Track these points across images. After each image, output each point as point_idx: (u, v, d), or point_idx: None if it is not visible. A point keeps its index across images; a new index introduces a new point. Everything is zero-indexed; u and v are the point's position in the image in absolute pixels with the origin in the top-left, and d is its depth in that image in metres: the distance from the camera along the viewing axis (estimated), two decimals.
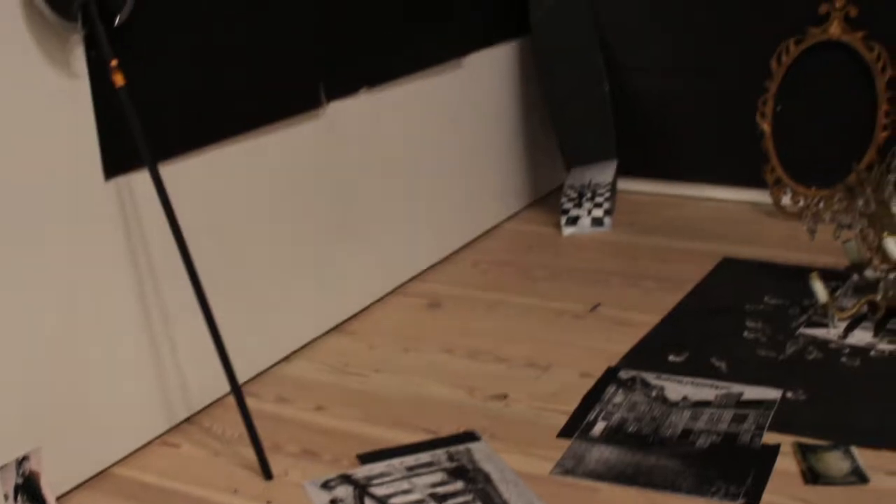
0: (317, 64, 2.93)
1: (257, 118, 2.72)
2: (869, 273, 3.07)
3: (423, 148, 3.43)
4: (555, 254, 3.67)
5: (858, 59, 3.68)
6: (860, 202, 3.12)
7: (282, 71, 2.80)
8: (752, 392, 2.58)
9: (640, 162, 4.11)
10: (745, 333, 2.93)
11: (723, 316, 3.05)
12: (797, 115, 3.81)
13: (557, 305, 3.19)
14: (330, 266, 3.05)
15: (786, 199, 3.83)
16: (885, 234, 2.96)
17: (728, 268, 3.41)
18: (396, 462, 2.34)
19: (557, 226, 3.83)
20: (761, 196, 3.90)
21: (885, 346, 2.79)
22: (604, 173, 3.88)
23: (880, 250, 2.98)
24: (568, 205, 3.82)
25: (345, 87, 3.05)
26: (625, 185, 4.11)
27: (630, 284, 3.34)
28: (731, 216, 3.90)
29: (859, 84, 3.69)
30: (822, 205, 3.64)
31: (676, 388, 2.62)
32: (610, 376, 2.70)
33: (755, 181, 3.89)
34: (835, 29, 3.69)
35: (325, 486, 2.26)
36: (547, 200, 4.11)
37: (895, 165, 3.12)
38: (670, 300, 3.17)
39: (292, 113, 2.84)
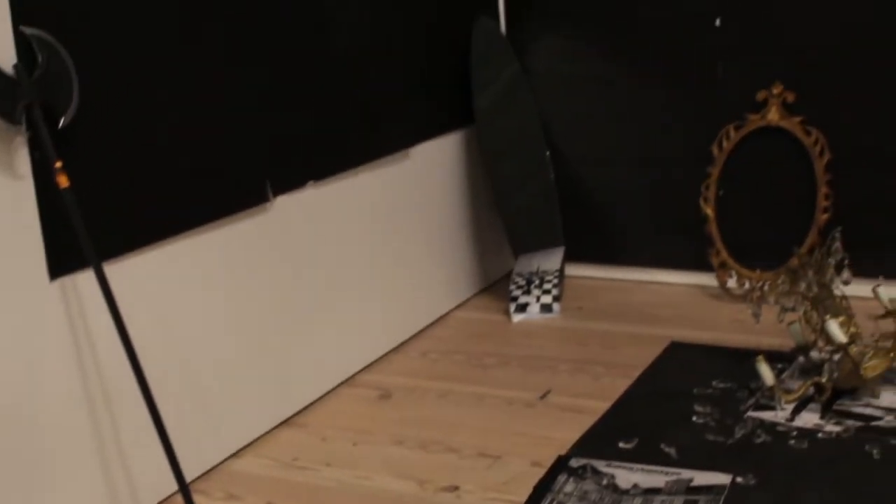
0: (263, 160, 2.96)
1: (204, 215, 2.73)
2: (814, 355, 3.12)
3: (371, 239, 3.46)
4: (504, 341, 3.68)
5: (797, 144, 3.76)
6: (803, 285, 3.17)
7: (228, 168, 2.82)
8: (702, 478, 2.58)
9: (587, 247, 4.15)
10: (694, 418, 2.93)
11: (672, 401, 3.05)
12: (740, 198, 3.89)
13: (508, 394, 3.19)
14: (280, 359, 3.04)
15: (731, 282, 3.88)
16: (828, 316, 3.00)
17: (676, 352, 3.43)
18: None
19: (506, 313, 3.85)
20: (707, 279, 3.95)
21: (831, 428, 2.80)
22: (551, 260, 3.91)
23: (824, 332, 3.02)
24: (516, 292, 3.84)
25: (292, 181, 3.08)
26: (573, 270, 4.14)
27: (579, 370, 3.35)
28: (679, 300, 3.94)
29: (799, 167, 3.77)
30: (766, 287, 3.69)
31: (627, 476, 2.61)
32: (561, 465, 2.69)
33: (701, 265, 3.94)
34: (773, 115, 3.78)
35: None
36: (496, 288, 4.14)
37: (835, 248, 3.18)
38: (620, 386, 3.18)
39: (239, 209, 2.85)
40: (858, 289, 3.13)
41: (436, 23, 3.78)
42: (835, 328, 2.97)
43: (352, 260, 3.37)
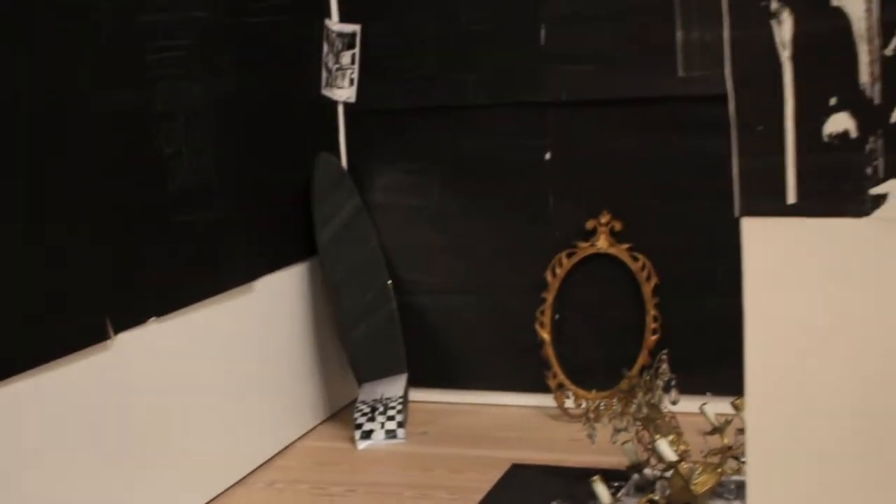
0: (103, 296, 2.96)
1: (40, 355, 2.69)
2: (648, 472, 3.24)
3: (215, 372, 3.48)
4: (350, 469, 3.72)
5: (626, 269, 3.96)
6: (633, 407, 3.31)
7: (65, 305, 2.81)
8: None
9: (430, 373, 4.24)
10: None
11: None
12: (574, 322, 4.06)
13: None
14: (118, 500, 3.00)
15: (569, 403, 4.01)
16: (658, 435, 3.15)
17: (517, 474, 3.51)
18: None
19: (352, 440, 3.89)
20: (546, 400, 4.07)
21: None
22: (395, 386, 3.99)
23: (655, 451, 3.15)
24: (361, 419, 3.89)
25: (133, 317, 3.07)
26: (416, 395, 4.22)
27: (423, 496, 3.39)
28: (519, 422, 4.04)
29: (628, 292, 3.97)
30: (601, 408, 3.81)
31: None
32: None
33: (539, 387, 4.06)
34: (602, 242, 3.96)
35: None
36: (341, 415, 4.18)
37: (663, 370, 3.34)
38: None
39: (78, 347, 2.83)
40: (688, 405, 3.27)
41: (278, 159, 3.89)
42: (665, 447, 3.12)
43: (195, 394, 3.37)
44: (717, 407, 3.20)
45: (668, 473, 3.11)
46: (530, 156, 4.02)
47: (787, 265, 1.67)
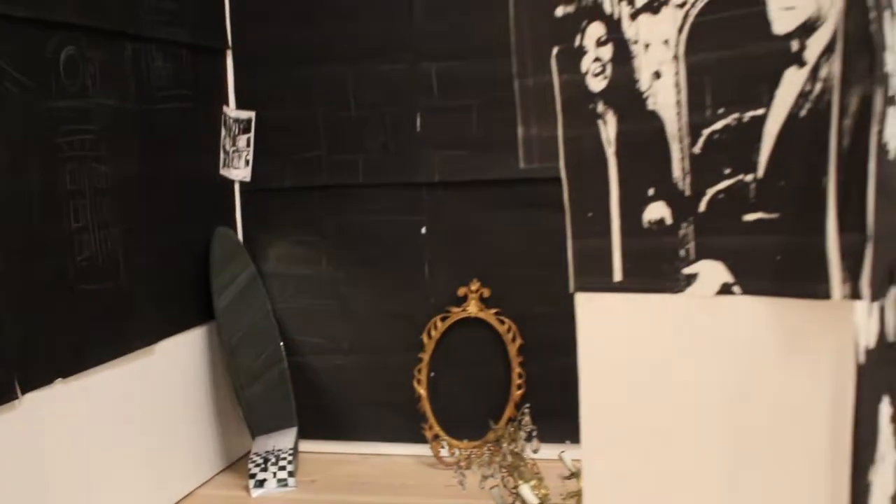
0: (11, 358, 2.89)
1: None
2: None
3: (119, 431, 3.42)
4: None
5: (494, 331, 4.00)
6: (499, 455, 3.34)
7: None
8: None
9: (319, 426, 4.22)
10: None
11: None
12: (448, 379, 4.08)
13: None
14: None
15: (444, 452, 4.03)
16: (521, 481, 3.17)
17: None
18: None
19: (246, 489, 3.85)
20: (423, 450, 4.08)
21: None
22: (285, 439, 3.97)
23: (519, 496, 3.18)
24: (255, 469, 3.86)
25: (40, 378, 3.02)
26: (307, 447, 4.20)
27: None
28: (400, 470, 4.04)
29: (496, 351, 4.00)
30: (472, 456, 3.84)
31: None
32: None
33: (418, 437, 4.08)
34: (472, 307, 4.01)
35: None
36: (236, 466, 4.13)
37: (525, 422, 3.38)
38: None
39: None
40: (548, 453, 3.28)
41: (179, 232, 3.86)
42: (527, 492, 3.14)
43: (101, 450, 3.31)
44: (575, 454, 3.18)
45: None
46: (408, 230, 4.06)
47: (614, 334, 1.71)
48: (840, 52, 1.41)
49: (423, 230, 4.05)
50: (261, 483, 3.85)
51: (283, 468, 3.88)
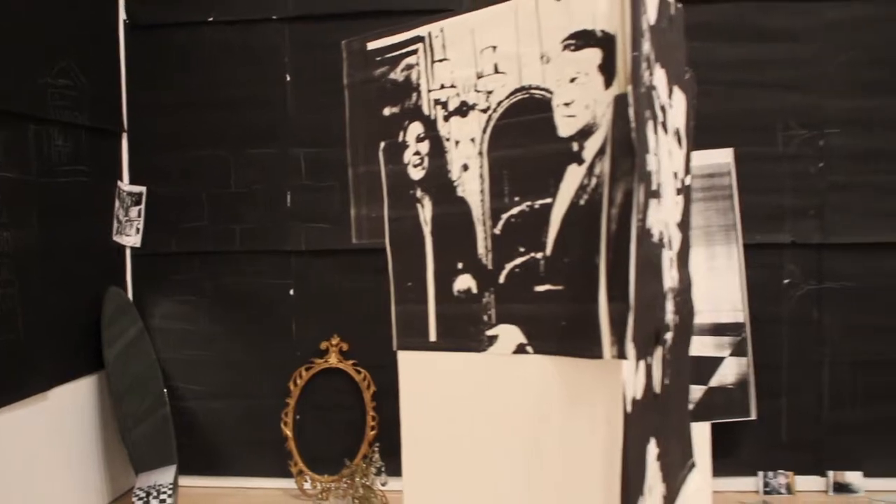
0: None
1: None
2: None
3: (13, 470, 3.24)
4: None
5: (351, 380, 3.94)
6: (353, 488, 3.31)
7: None
8: None
9: (198, 463, 4.07)
10: None
11: None
12: (312, 421, 4.00)
13: None
14: None
15: (307, 485, 3.93)
16: None
17: None
18: None
19: None
20: (289, 483, 3.99)
21: None
22: (166, 475, 3.82)
23: None
24: (138, 502, 3.70)
25: None
26: (186, 482, 4.04)
27: None
28: (268, 501, 3.92)
29: (354, 397, 3.95)
30: (331, 489, 3.79)
31: None
32: None
33: (285, 472, 3.99)
34: (333, 359, 3.96)
35: None
36: (121, 500, 3.95)
37: (375, 459, 3.37)
38: None
39: None
40: (395, 485, 3.27)
41: (75, 291, 3.71)
42: None
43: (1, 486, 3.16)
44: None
45: None
46: (278, 291, 4.01)
47: (430, 387, 1.71)
48: (609, 154, 1.46)
49: (292, 292, 4.01)
50: None
51: (163, 501, 3.74)
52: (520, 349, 1.57)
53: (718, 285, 3.65)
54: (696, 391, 3.64)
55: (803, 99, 3.81)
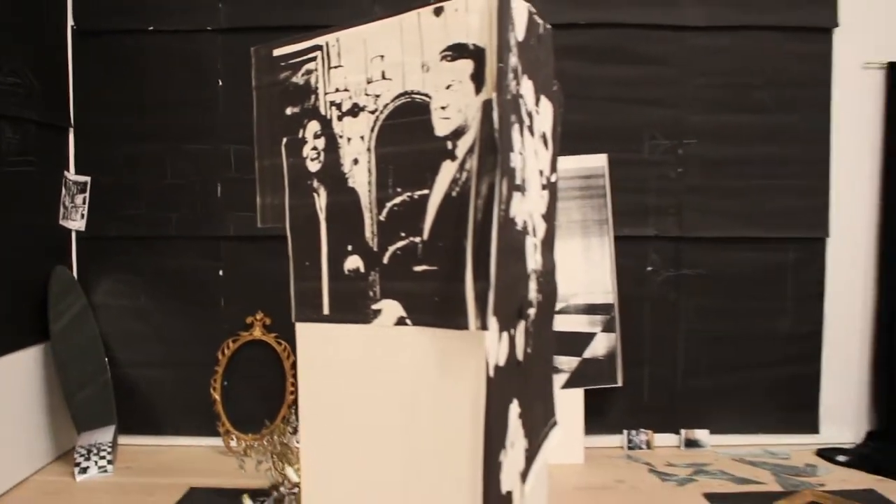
0: None
1: None
2: (282, 490, 3.18)
3: None
4: (70, 497, 3.39)
5: (273, 351, 3.89)
6: (271, 445, 3.26)
7: None
8: None
9: (135, 423, 3.96)
10: None
11: None
12: (238, 387, 3.93)
13: None
14: None
15: (233, 443, 3.87)
16: (286, 465, 3.11)
17: (193, 494, 3.34)
18: None
19: (73, 475, 3.57)
20: (217, 442, 3.92)
21: None
22: (106, 434, 3.72)
23: (285, 475, 3.11)
24: (80, 459, 3.60)
25: None
26: (125, 440, 3.94)
27: None
28: (199, 457, 3.85)
29: (275, 366, 3.89)
30: (253, 446, 3.73)
31: None
32: None
33: (213, 432, 3.91)
34: (257, 332, 3.90)
35: None
36: (65, 458, 3.83)
37: (292, 420, 3.32)
38: None
39: None
40: None
41: (24, 271, 3.59)
42: (291, 473, 3.08)
43: None
44: None
45: (295, 490, 3.10)
46: (209, 272, 3.93)
47: (324, 355, 1.69)
48: (477, 151, 1.46)
49: (221, 273, 3.92)
50: (84, 470, 3.59)
51: (103, 457, 3.64)
52: (400, 321, 1.56)
53: (592, 271, 3.70)
54: (572, 362, 3.69)
55: (666, 114, 3.88)
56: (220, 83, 3.88)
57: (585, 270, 3.70)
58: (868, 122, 3.97)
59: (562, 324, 3.66)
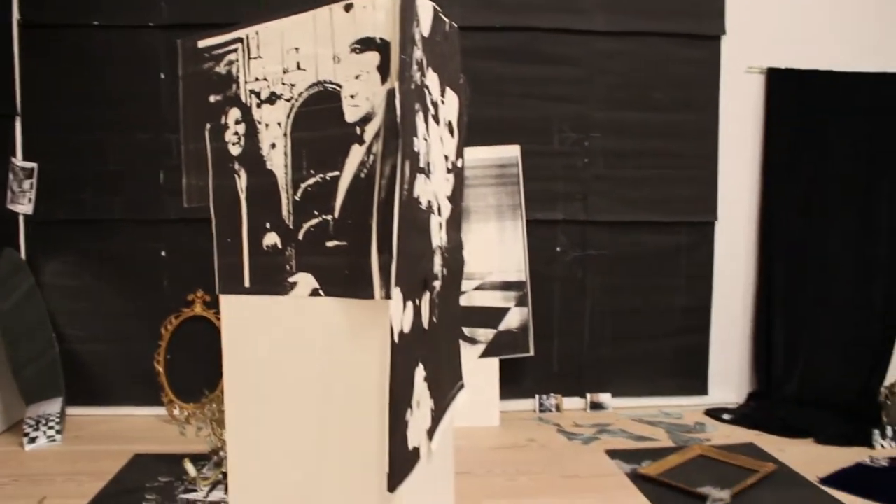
0: None
1: None
2: (222, 454, 3.13)
3: None
4: (19, 465, 3.29)
5: (213, 326, 3.82)
6: (210, 413, 3.22)
7: None
8: None
9: (83, 395, 3.85)
10: (144, 503, 2.81)
11: (131, 494, 2.90)
12: (179, 360, 3.86)
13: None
14: None
15: (176, 412, 3.81)
16: (223, 430, 3.07)
17: (138, 460, 3.28)
18: None
19: (22, 445, 3.46)
20: (161, 411, 3.85)
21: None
22: (54, 406, 3.62)
23: (223, 441, 3.07)
24: (29, 430, 3.49)
25: None
26: (73, 412, 3.83)
27: (70, 481, 3.07)
28: (144, 426, 3.77)
29: (215, 340, 3.73)
30: (194, 414, 3.68)
31: None
32: None
33: (157, 402, 3.84)
34: (198, 308, 3.84)
35: None
36: (14, 429, 3.71)
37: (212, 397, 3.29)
38: (97, 487, 2.97)
39: None
40: None
41: None
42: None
43: None
44: None
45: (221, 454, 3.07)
46: (152, 253, 3.84)
47: (246, 325, 1.68)
48: (382, 136, 1.46)
49: (163, 253, 3.84)
50: (33, 440, 3.48)
51: (52, 428, 3.54)
52: (314, 293, 1.55)
53: (506, 251, 3.74)
54: (489, 334, 3.72)
55: (574, 110, 3.93)
56: (163, 76, 3.78)
57: (500, 251, 3.73)
58: (751, 120, 4.09)
59: (479, 299, 3.69)
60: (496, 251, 3.72)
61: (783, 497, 2.94)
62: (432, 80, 1.67)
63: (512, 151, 3.76)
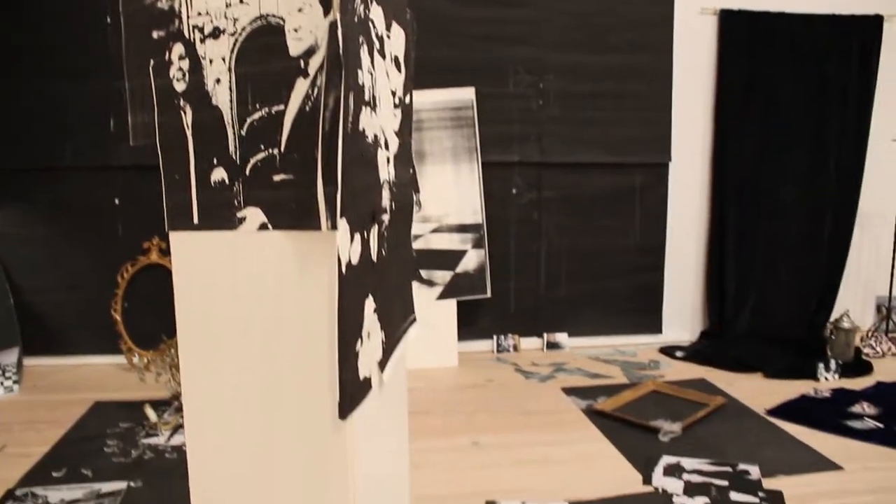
0: None
1: None
2: (182, 399, 3.17)
3: None
4: None
5: (169, 272, 3.77)
6: (169, 358, 3.24)
7: None
8: (107, 487, 2.52)
9: (41, 345, 3.86)
10: (105, 449, 2.84)
11: (92, 440, 2.93)
12: (137, 308, 3.85)
13: None
14: None
15: (135, 359, 3.83)
16: None
17: (98, 408, 3.30)
18: None
19: None
20: (121, 360, 3.87)
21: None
22: (10, 356, 3.61)
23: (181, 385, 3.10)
24: None
25: None
26: (31, 361, 3.84)
27: (29, 428, 3.09)
28: (103, 374, 3.79)
29: (171, 287, 3.80)
30: (154, 361, 3.70)
31: (55, 494, 2.47)
32: (8, 496, 2.47)
33: (116, 350, 3.85)
34: (154, 256, 3.83)
35: None
36: None
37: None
38: (58, 435, 3.00)
39: None
40: None
41: None
42: None
43: None
44: None
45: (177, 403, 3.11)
46: (107, 200, 3.81)
47: (197, 261, 1.69)
48: (325, 69, 1.47)
49: (117, 201, 3.81)
50: None
51: (9, 378, 3.53)
52: (263, 227, 1.57)
53: (463, 194, 3.77)
54: (446, 276, 3.77)
55: (529, 52, 3.94)
56: (109, 21, 3.70)
57: (456, 194, 3.76)
58: (704, 62, 4.14)
59: (435, 242, 3.73)
60: (452, 194, 3.75)
61: (731, 428, 3.07)
62: (377, 13, 1.67)
63: (467, 94, 3.77)
